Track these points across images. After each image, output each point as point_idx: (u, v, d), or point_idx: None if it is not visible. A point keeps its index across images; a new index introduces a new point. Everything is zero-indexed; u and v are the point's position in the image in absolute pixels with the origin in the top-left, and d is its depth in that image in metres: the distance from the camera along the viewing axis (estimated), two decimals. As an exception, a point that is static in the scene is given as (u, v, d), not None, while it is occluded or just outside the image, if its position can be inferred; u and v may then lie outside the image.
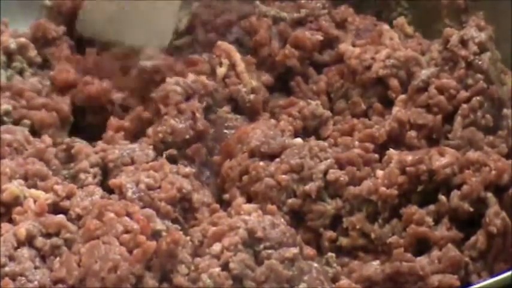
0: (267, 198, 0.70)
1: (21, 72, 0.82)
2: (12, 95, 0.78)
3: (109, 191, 0.72)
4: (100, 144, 0.76)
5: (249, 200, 0.71)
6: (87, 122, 0.81)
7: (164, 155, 0.76)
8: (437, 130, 0.76)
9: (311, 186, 0.70)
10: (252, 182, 0.71)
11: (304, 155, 0.71)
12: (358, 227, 0.70)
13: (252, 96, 0.84)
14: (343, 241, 0.70)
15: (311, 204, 0.70)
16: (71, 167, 0.74)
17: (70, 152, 0.75)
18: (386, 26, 0.84)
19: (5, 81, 0.81)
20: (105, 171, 0.74)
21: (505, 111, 0.77)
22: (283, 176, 0.70)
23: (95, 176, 0.73)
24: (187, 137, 0.77)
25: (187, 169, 0.73)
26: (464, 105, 0.76)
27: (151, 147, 0.76)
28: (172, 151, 0.76)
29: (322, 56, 0.86)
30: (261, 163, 0.72)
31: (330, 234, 0.70)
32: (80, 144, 0.75)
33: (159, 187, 0.70)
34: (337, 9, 0.88)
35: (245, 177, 0.71)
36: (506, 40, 0.82)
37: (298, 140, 0.74)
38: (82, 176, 0.73)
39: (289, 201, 0.70)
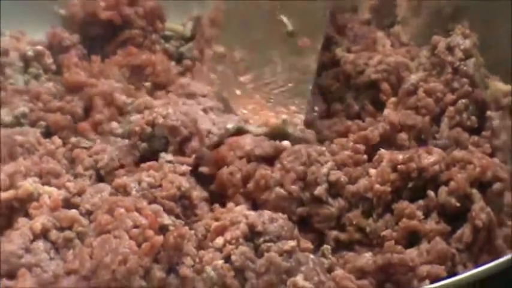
0: (279, 207, 0.70)
1: (37, 78, 0.83)
2: (30, 98, 0.79)
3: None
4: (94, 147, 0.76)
5: (255, 206, 0.71)
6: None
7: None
8: (426, 131, 0.77)
9: (319, 190, 0.71)
10: (260, 190, 0.71)
11: (304, 161, 0.72)
12: (354, 222, 0.71)
13: None
14: (341, 236, 0.71)
15: (317, 208, 0.71)
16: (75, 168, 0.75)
17: (76, 152, 0.76)
18: (380, 34, 0.85)
19: (23, 85, 0.82)
20: (99, 174, 0.75)
21: (489, 113, 0.77)
22: (293, 186, 0.71)
23: (90, 178, 0.74)
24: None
25: (184, 167, 0.74)
26: (451, 108, 0.77)
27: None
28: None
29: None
30: (267, 171, 0.72)
31: (335, 234, 0.71)
32: (76, 150, 0.76)
33: (160, 186, 0.71)
34: (341, 15, 0.88)
35: (250, 185, 0.72)
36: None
37: (286, 142, 0.75)
38: (79, 179, 0.74)
39: (299, 209, 0.71)
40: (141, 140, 0.76)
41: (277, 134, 0.79)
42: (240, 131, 0.80)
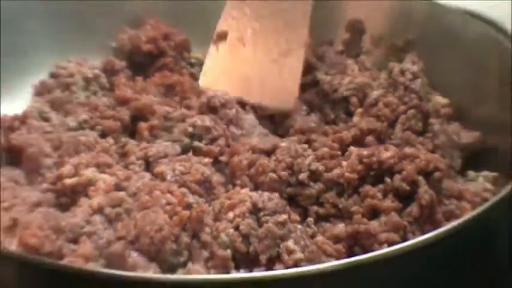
0: (272, 188, 0.68)
1: (95, 93, 0.82)
2: (90, 109, 0.78)
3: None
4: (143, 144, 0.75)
5: (256, 187, 0.70)
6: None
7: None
8: (384, 133, 0.76)
9: (303, 176, 0.69)
10: (259, 174, 0.70)
11: (293, 155, 0.70)
12: (330, 201, 0.69)
13: None
14: (320, 211, 0.69)
15: (302, 189, 0.69)
16: (125, 160, 0.74)
17: (124, 150, 0.75)
18: (350, 61, 0.83)
19: (84, 99, 0.81)
20: (147, 163, 0.73)
21: (431, 120, 0.77)
22: (283, 172, 0.69)
23: (139, 166, 0.72)
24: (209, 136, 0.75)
25: (206, 159, 0.72)
26: (403, 116, 0.76)
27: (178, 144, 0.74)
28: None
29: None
30: (265, 161, 0.71)
31: (316, 209, 0.69)
32: (130, 145, 0.74)
33: (189, 172, 0.69)
34: (320, 47, 0.87)
35: (252, 170, 0.70)
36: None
37: (284, 143, 0.73)
38: (131, 166, 0.72)
39: (288, 190, 0.69)
40: (185, 136, 0.75)
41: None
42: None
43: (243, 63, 0.75)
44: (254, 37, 0.77)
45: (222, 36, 0.78)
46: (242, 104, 0.80)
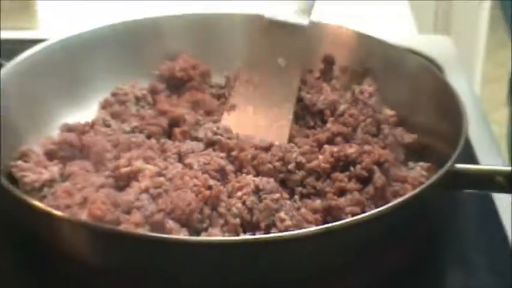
0: (269, 174, 0.68)
1: (143, 107, 0.81)
2: (139, 118, 0.77)
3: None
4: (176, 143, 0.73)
5: (257, 174, 0.69)
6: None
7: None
8: (349, 136, 0.75)
9: (291, 166, 0.68)
10: (259, 165, 0.69)
11: (283, 150, 0.70)
12: (310, 184, 0.68)
13: None
14: (303, 191, 0.68)
15: (290, 175, 0.68)
16: (164, 155, 0.72)
17: (163, 147, 0.73)
18: (325, 84, 0.82)
19: (135, 112, 0.80)
20: (180, 157, 0.71)
21: (382, 126, 0.76)
22: (277, 163, 0.68)
23: (174, 159, 0.71)
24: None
25: (222, 154, 0.71)
26: (362, 123, 0.75)
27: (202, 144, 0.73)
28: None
29: None
30: (264, 155, 0.70)
31: (300, 190, 0.68)
32: (167, 144, 0.73)
33: (209, 163, 0.68)
34: (304, 74, 0.84)
35: (255, 162, 0.69)
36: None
37: (277, 143, 0.72)
38: (168, 159, 0.71)
39: (280, 175, 0.68)
40: (210, 133, 0.74)
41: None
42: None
43: (245, 127, 0.76)
44: (254, 109, 0.79)
45: (232, 108, 0.79)
46: None
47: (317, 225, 0.65)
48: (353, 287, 0.63)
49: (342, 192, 0.68)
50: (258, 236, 0.63)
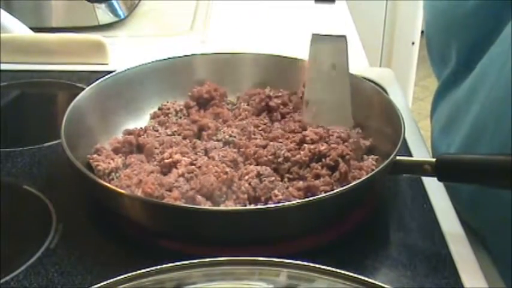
0: (266, 165, 0.66)
1: (180, 118, 0.79)
2: (177, 125, 0.76)
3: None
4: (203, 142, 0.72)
5: (258, 164, 0.67)
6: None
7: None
8: (323, 137, 0.72)
9: (280, 159, 0.67)
10: (259, 158, 0.67)
11: (276, 148, 0.68)
12: (295, 171, 0.67)
13: None
14: (290, 176, 0.67)
15: (280, 166, 0.67)
16: (194, 150, 0.71)
17: (194, 145, 0.72)
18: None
19: (175, 121, 0.78)
20: (206, 152, 0.71)
21: (351, 133, 0.73)
22: (270, 157, 0.67)
23: (202, 153, 0.70)
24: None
25: (234, 149, 0.70)
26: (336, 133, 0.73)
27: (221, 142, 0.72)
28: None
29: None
30: (262, 151, 0.68)
31: (287, 175, 0.67)
32: (197, 143, 0.72)
33: (226, 156, 0.68)
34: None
35: (256, 155, 0.68)
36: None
37: (272, 143, 0.70)
38: (198, 153, 0.70)
39: (273, 165, 0.67)
40: (227, 137, 0.73)
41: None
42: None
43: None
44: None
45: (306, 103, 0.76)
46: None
47: (300, 199, 0.65)
48: (326, 240, 0.63)
49: (317, 177, 0.67)
50: (259, 206, 0.63)
